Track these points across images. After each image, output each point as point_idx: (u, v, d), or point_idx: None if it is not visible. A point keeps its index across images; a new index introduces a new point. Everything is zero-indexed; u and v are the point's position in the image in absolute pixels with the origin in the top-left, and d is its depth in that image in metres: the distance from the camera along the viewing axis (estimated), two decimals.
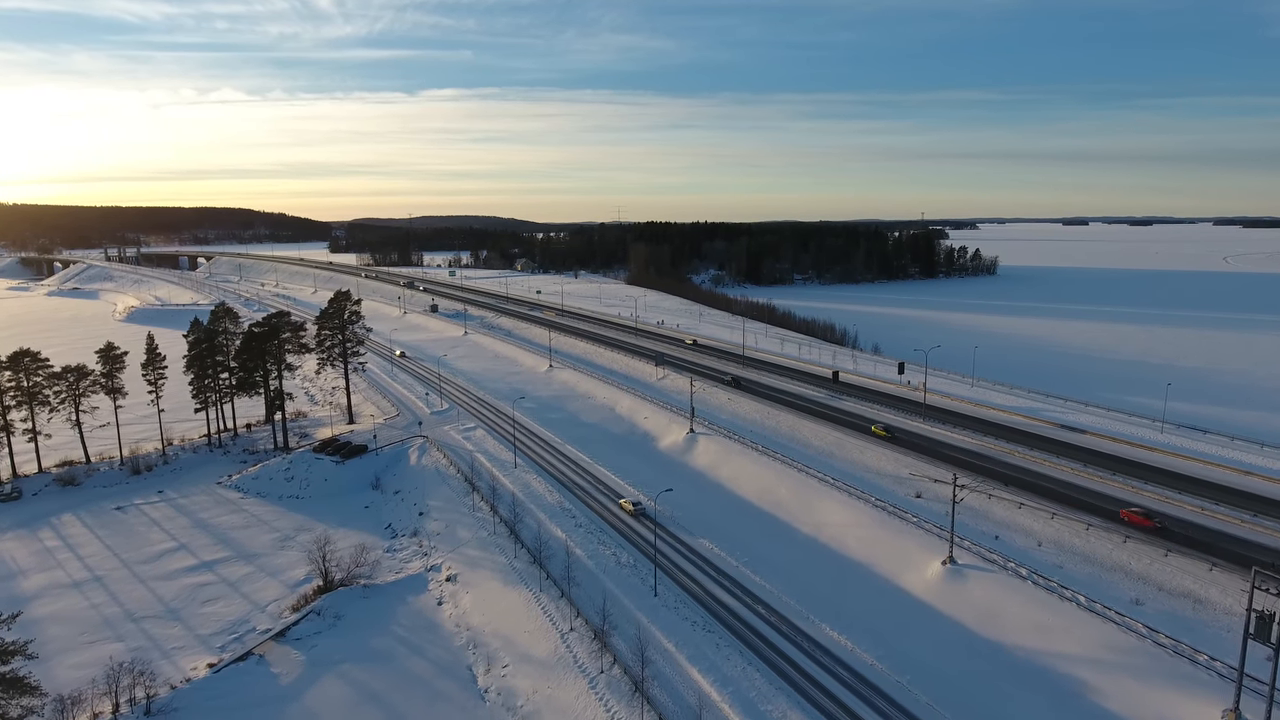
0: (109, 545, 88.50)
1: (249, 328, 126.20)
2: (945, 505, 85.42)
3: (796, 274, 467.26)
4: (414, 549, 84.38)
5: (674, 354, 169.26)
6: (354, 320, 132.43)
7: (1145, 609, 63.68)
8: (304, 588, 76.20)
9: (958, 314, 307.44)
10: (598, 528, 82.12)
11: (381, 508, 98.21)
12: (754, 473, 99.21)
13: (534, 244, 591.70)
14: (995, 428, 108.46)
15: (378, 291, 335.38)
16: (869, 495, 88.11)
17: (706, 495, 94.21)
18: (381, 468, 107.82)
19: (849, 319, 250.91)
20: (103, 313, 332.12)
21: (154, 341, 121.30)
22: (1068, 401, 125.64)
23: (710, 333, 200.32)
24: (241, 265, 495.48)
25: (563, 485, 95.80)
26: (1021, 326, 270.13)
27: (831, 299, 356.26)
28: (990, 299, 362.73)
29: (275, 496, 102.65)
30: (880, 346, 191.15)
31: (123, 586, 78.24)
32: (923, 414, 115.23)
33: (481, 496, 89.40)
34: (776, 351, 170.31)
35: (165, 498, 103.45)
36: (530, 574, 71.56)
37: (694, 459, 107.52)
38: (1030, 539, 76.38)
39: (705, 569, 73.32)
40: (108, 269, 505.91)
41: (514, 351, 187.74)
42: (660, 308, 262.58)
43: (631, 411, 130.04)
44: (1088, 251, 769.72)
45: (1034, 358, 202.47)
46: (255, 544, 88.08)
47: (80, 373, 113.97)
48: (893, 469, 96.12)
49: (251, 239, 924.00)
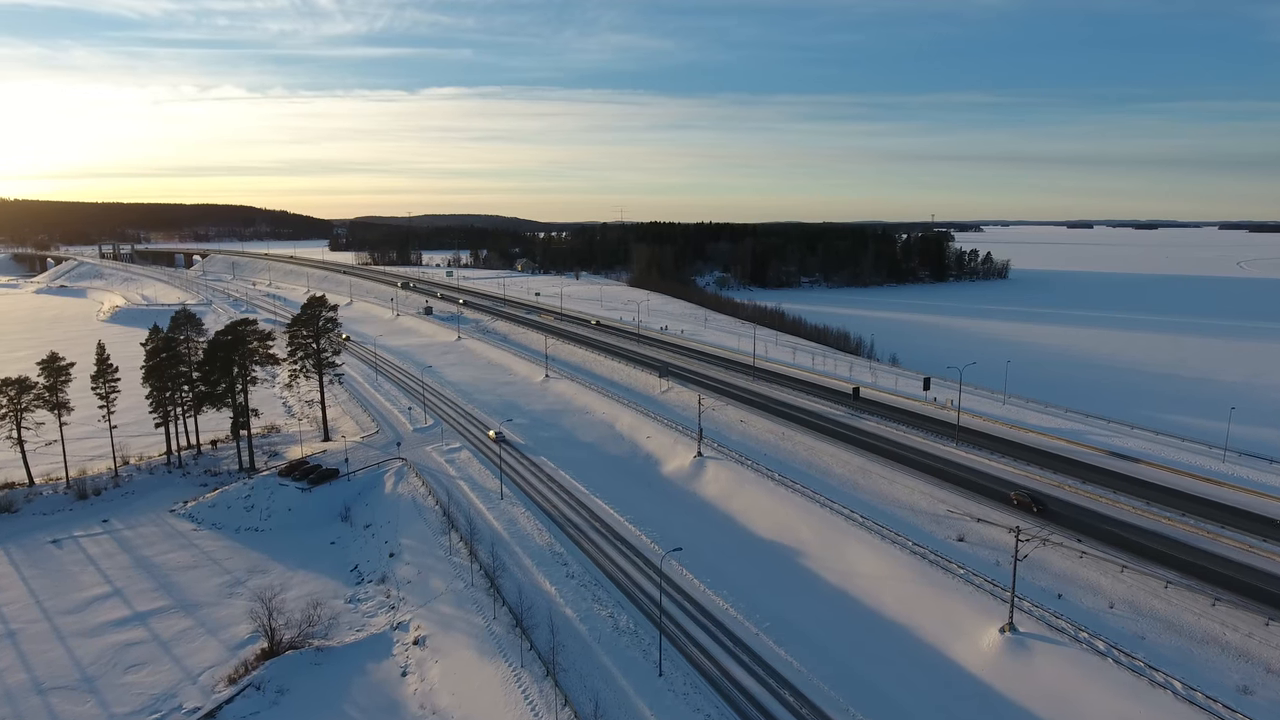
0: (33, 589, 77.30)
1: (215, 335, 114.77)
2: (993, 551, 74.35)
3: (803, 277, 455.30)
4: (380, 599, 73.09)
5: (679, 364, 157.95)
6: (330, 328, 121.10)
7: (1256, 699, 52.33)
8: (246, 650, 64.93)
9: (973, 321, 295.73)
10: (593, 579, 70.66)
11: (349, 545, 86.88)
12: (770, 506, 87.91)
13: (535, 243, 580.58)
14: (1037, 454, 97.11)
15: (371, 292, 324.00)
16: (904, 537, 76.84)
17: (717, 533, 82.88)
18: (353, 496, 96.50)
19: (861, 325, 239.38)
20: (87, 312, 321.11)
21: (104, 351, 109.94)
22: (1110, 423, 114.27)
23: (716, 339, 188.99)
24: (235, 263, 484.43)
25: (554, 522, 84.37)
26: (1042, 335, 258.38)
27: (840, 303, 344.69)
28: (1005, 304, 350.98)
29: (232, 529, 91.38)
30: (899, 357, 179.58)
31: (36, 645, 67.02)
32: (955, 437, 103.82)
33: (460, 536, 78.03)
34: (788, 362, 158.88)
35: (109, 529, 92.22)
36: (511, 643, 60.15)
37: (702, 488, 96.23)
38: (1099, 598, 65.01)
39: (719, 636, 61.89)
40: (98, 266, 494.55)
41: (508, 359, 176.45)
42: (664, 312, 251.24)
43: (633, 430, 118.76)
44: (1096, 255, 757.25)
45: (1062, 370, 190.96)
46: (200, 590, 76.81)
47: (21, 385, 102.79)
48: (928, 504, 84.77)
49: (252, 236, 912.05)
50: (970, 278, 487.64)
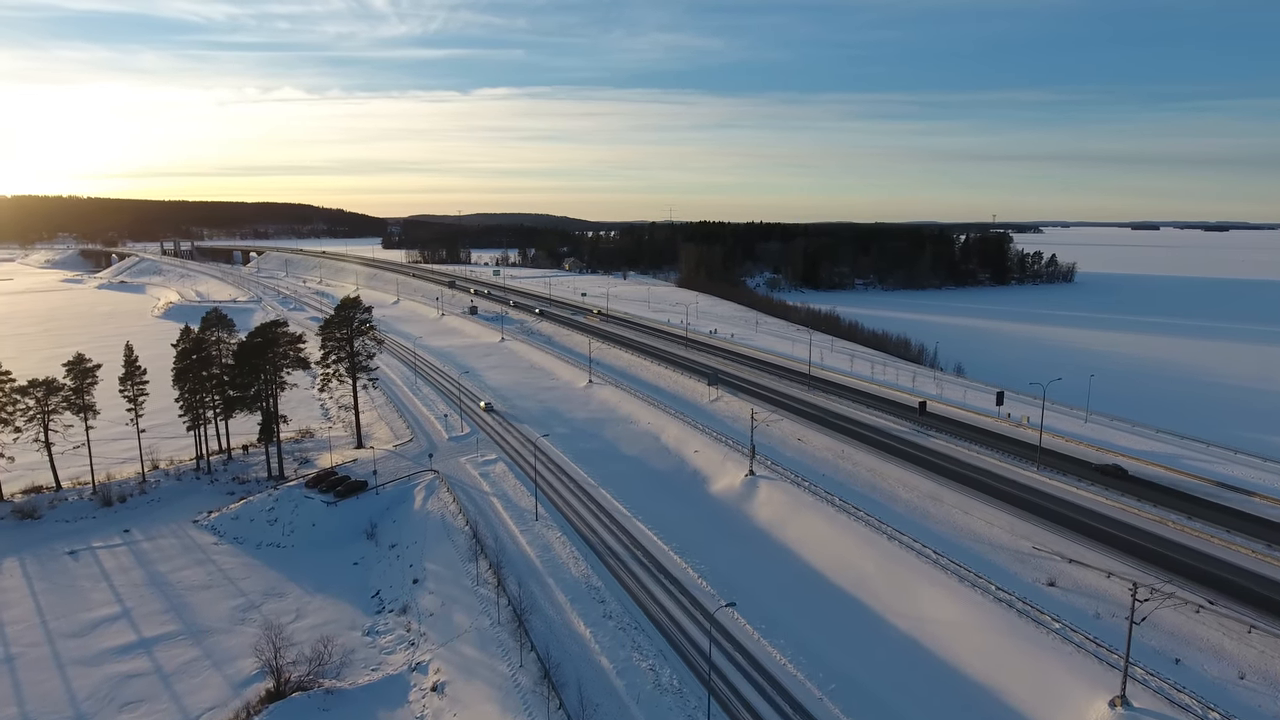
0: (41, 606, 73.03)
1: (245, 338, 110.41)
2: (1091, 600, 64.97)
3: (856, 278, 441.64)
4: (400, 633, 66.79)
5: (729, 370, 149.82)
6: (364, 331, 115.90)
7: None
8: (250, 690, 59.15)
9: (1040, 327, 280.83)
10: (632, 621, 63.20)
11: (372, 566, 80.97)
12: (829, 535, 79.52)
13: (583, 242, 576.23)
14: (1130, 482, 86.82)
15: (419, 291, 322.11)
16: (984, 578, 67.81)
17: (770, 566, 74.86)
18: (380, 511, 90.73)
19: (921, 330, 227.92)
20: (142, 308, 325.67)
21: (133, 353, 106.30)
22: (1210, 446, 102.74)
23: (768, 344, 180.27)
24: (288, 261, 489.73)
25: (592, 549, 77.15)
26: (1115, 343, 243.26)
27: (897, 306, 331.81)
28: (1073, 309, 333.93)
29: (253, 544, 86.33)
30: (964, 367, 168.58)
31: (33, 674, 62.31)
32: (1036, 460, 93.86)
33: (489, 564, 71.32)
34: (845, 370, 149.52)
35: (129, 540, 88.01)
36: (537, 699, 53.06)
37: (754, 511, 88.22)
38: (1225, 665, 55.32)
39: (777, 699, 53.78)
40: (158, 263, 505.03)
41: (551, 362, 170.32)
42: (712, 314, 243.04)
43: (679, 443, 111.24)
44: (1164, 258, 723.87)
45: (1142, 382, 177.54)
46: (211, 614, 71.57)
47: (49, 387, 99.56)
48: (1009, 539, 75.47)
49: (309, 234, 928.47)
50: (1033, 281, 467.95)
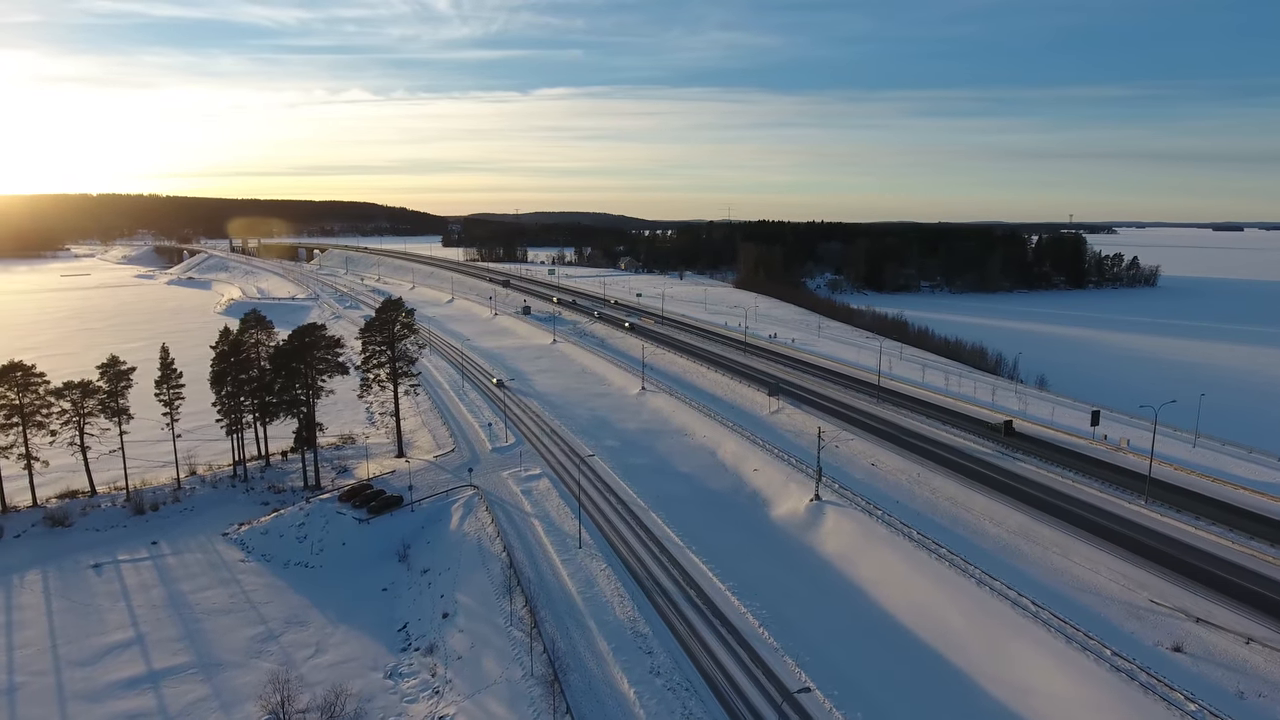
0: (55, 627, 68.86)
1: (281, 342, 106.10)
2: (1229, 673, 54.78)
3: (923, 280, 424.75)
4: (425, 677, 60.28)
5: (790, 379, 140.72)
6: (405, 335, 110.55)
7: None
8: None
9: (1123, 335, 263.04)
10: (683, 679, 55.29)
11: (401, 593, 74.89)
12: (906, 576, 70.42)
13: (639, 241, 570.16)
14: (1256, 521, 75.28)
15: (474, 289, 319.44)
16: (1095, 639, 57.99)
17: (840, 612, 66.17)
18: (414, 531, 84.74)
19: (995, 338, 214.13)
20: (206, 304, 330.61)
21: (168, 355, 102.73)
22: None
23: (831, 350, 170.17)
24: (349, 258, 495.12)
25: (639, 586, 69.50)
26: (1207, 354, 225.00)
27: (967, 311, 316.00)
28: (1157, 316, 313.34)
29: (280, 562, 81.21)
30: (1047, 379, 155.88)
31: (34, 708, 57.64)
32: (1144, 493, 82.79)
33: (525, 600, 64.33)
34: (917, 381, 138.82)
35: (155, 553, 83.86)
36: None
37: (820, 542, 79.52)
38: None
39: None
40: (225, 259, 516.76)
41: (603, 367, 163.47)
42: (772, 317, 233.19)
43: (737, 460, 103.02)
44: (1251, 261, 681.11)
45: (1246, 400, 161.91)
46: (227, 643, 66.26)
47: (85, 390, 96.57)
48: (1120, 590, 65.26)
49: (373, 232, 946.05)
50: (1113, 284, 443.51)
